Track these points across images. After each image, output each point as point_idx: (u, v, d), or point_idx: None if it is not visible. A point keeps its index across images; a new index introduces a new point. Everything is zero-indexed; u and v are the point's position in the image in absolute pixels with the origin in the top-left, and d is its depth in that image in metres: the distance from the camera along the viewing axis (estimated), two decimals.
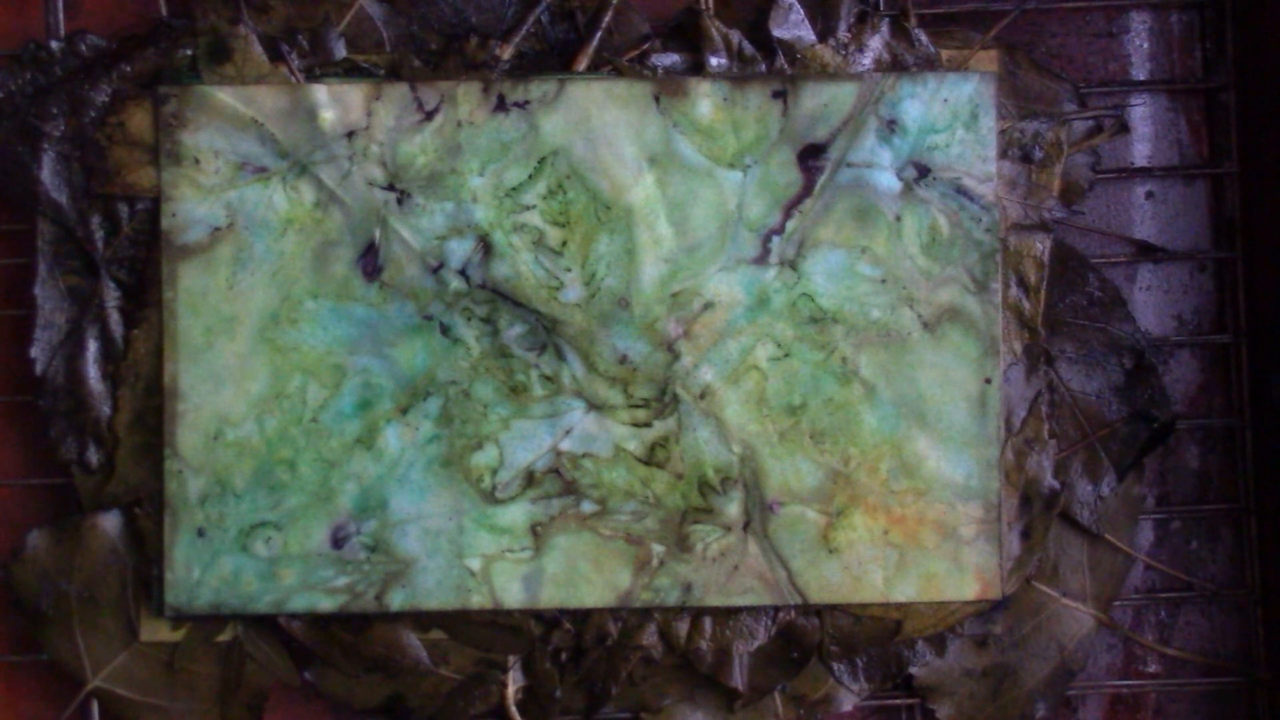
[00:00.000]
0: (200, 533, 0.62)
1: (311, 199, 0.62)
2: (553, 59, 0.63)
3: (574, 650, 0.63)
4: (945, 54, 0.63)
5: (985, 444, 0.62)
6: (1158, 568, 0.66)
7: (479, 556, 0.62)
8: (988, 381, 0.62)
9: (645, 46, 0.63)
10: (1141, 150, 0.66)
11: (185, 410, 0.62)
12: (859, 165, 0.62)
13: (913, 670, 0.64)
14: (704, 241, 0.62)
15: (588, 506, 0.62)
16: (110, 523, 0.63)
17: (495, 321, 0.62)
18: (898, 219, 0.62)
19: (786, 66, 0.63)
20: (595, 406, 0.62)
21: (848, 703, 0.64)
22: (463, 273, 0.62)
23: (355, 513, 0.62)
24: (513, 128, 0.62)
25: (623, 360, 0.62)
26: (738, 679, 0.63)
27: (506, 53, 0.63)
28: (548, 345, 0.62)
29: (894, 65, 0.63)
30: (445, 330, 0.62)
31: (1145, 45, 0.67)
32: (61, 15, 0.65)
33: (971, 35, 0.64)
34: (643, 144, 0.62)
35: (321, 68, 0.63)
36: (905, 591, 0.62)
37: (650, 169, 0.62)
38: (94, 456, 0.63)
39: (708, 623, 0.63)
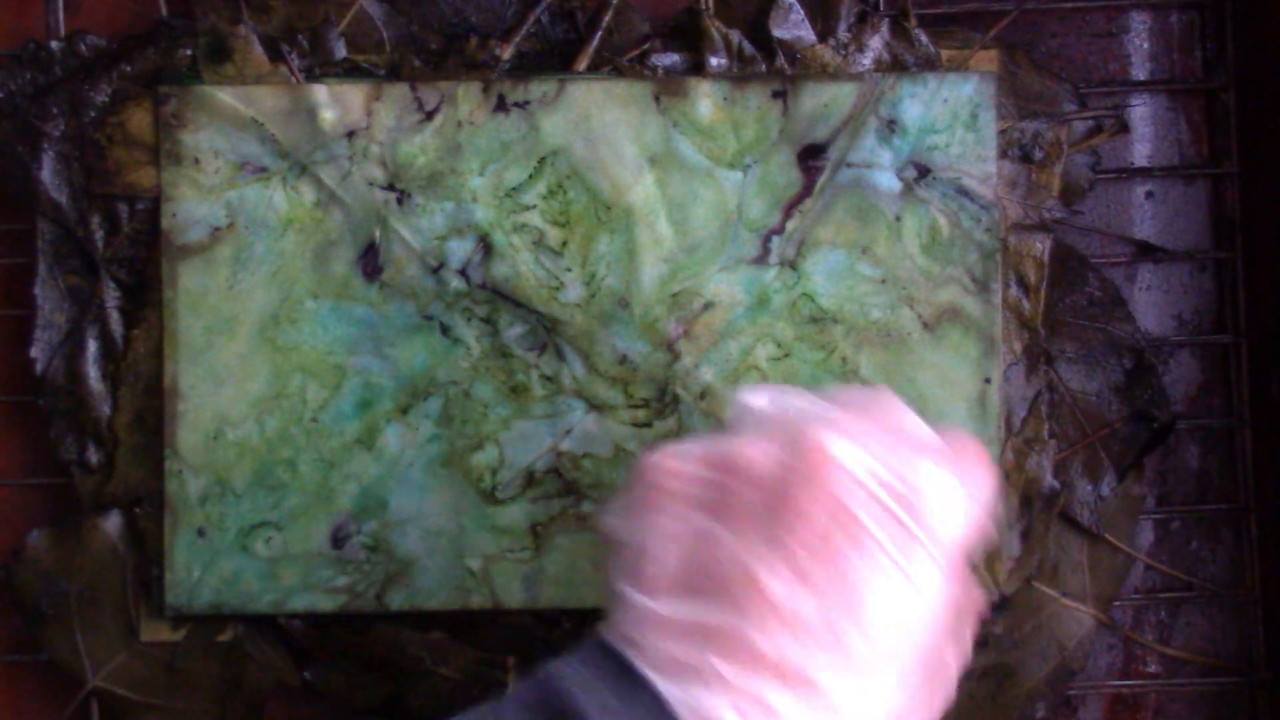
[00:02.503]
0: (200, 533, 0.62)
1: (311, 199, 0.62)
2: (553, 59, 0.63)
3: None
4: (945, 54, 0.63)
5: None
6: (1158, 568, 0.66)
7: (479, 556, 0.62)
8: (988, 381, 0.62)
9: (645, 46, 0.63)
10: (1141, 150, 0.66)
11: (185, 410, 0.62)
12: (859, 165, 0.62)
13: None
14: (704, 241, 0.62)
15: (588, 506, 0.62)
16: (110, 523, 0.63)
17: (495, 321, 0.62)
18: (898, 219, 0.62)
19: (786, 66, 0.63)
20: (595, 407, 0.62)
21: None
22: (463, 273, 0.62)
23: (355, 513, 0.62)
24: (513, 128, 0.62)
25: (623, 360, 0.62)
26: None
27: (506, 53, 0.63)
28: (548, 345, 0.62)
29: (894, 65, 0.63)
30: (445, 330, 0.62)
31: (1145, 45, 0.67)
32: (61, 15, 0.65)
33: (971, 35, 0.64)
34: (643, 144, 0.62)
35: (321, 68, 0.63)
36: None
37: (650, 169, 0.62)
38: (94, 456, 0.63)
39: None
